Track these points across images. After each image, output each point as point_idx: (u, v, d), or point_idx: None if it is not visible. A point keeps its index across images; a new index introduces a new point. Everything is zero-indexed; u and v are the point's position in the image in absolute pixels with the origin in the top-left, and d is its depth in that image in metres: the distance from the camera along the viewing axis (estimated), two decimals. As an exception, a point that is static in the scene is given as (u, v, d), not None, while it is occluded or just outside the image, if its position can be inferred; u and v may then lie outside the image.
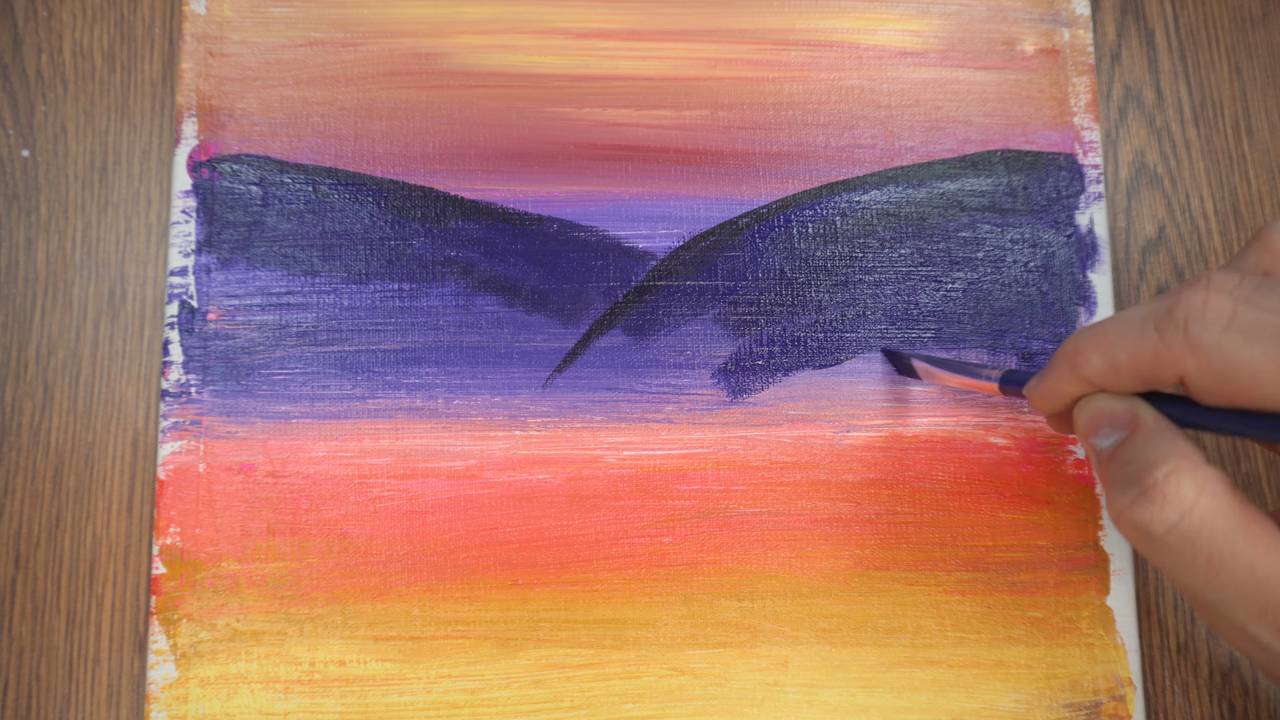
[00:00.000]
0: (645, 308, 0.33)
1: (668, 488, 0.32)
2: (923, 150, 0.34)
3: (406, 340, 0.32)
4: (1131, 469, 0.21)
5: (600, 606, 0.31)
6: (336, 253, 0.32)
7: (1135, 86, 0.35)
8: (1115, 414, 0.22)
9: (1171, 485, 0.20)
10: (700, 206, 0.33)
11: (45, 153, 0.33)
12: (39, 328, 0.32)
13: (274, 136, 0.33)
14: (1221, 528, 0.20)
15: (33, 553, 0.31)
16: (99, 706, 0.31)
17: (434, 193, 0.33)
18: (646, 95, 0.34)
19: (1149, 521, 0.20)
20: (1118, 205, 0.35)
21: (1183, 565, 0.20)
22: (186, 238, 0.32)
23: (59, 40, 0.34)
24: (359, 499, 0.31)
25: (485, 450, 0.32)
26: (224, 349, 0.32)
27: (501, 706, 0.30)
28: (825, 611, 0.31)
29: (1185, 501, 0.20)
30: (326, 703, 0.30)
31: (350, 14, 0.34)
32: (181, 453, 0.31)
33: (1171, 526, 0.20)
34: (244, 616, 0.30)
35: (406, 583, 0.31)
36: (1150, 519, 0.20)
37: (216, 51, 0.33)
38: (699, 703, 0.31)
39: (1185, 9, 0.36)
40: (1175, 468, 0.20)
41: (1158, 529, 0.20)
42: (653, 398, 0.32)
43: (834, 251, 0.33)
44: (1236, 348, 0.19)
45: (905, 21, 0.35)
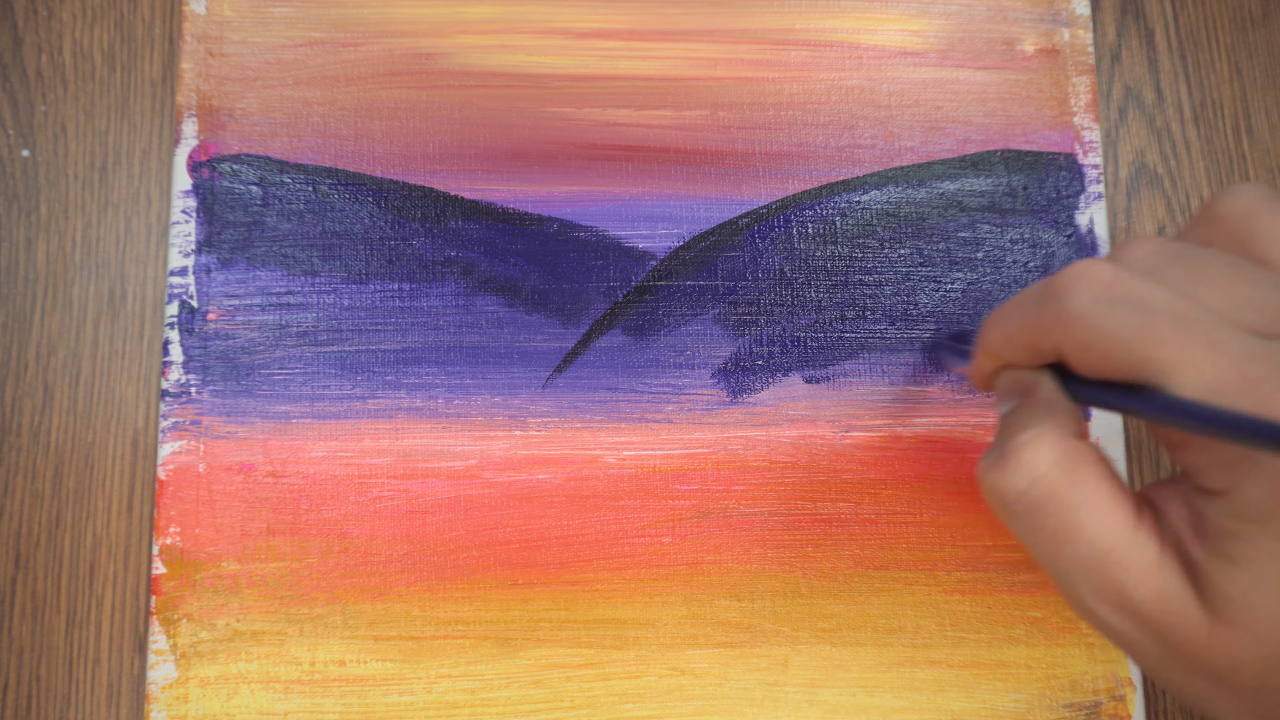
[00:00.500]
0: (645, 308, 0.33)
1: (668, 488, 0.32)
2: (923, 150, 0.34)
3: (406, 340, 0.32)
4: (1003, 433, 0.21)
5: (600, 606, 0.31)
6: (336, 253, 0.32)
7: (1135, 86, 0.35)
8: (1019, 382, 0.22)
9: (1028, 451, 0.20)
10: (700, 206, 0.33)
11: (45, 153, 0.33)
12: (39, 328, 0.32)
13: (274, 136, 0.33)
14: (1069, 499, 0.19)
15: (33, 553, 0.31)
16: (99, 706, 0.31)
17: (434, 193, 0.33)
18: (646, 95, 0.34)
19: (1000, 486, 0.20)
20: (1118, 205, 0.35)
21: (1030, 533, 0.20)
22: (186, 238, 0.32)
23: (59, 40, 0.34)
24: (359, 499, 0.31)
25: (485, 450, 0.32)
26: (224, 349, 0.32)
27: (501, 706, 0.30)
28: (825, 611, 0.31)
29: (1038, 469, 0.19)
30: (326, 703, 0.30)
31: (350, 14, 0.34)
32: (181, 453, 0.31)
33: (1020, 493, 0.20)
34: (244, 616, 0.30)
35: (406, 583, 0.31)
36: (1002, 483, 0.20)
37: (216, 51, 0.33)
38: (699, 703, 0.31)
39: (1185, 9, 0.36)
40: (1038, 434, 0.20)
41: (1008, 495, 0.20)
42: (653, 398, 0.32)
43: (834, 251, 0.33)
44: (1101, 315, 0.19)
45: (905, 21, 0.35)
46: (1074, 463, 0.20)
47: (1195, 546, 0.19)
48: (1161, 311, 0.18)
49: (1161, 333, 0.18)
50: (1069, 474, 0.19)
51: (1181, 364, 0.18)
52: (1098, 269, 0.19)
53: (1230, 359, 0.17)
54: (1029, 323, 0.21)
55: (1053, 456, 0.20)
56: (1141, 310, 0.18)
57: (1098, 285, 0.19)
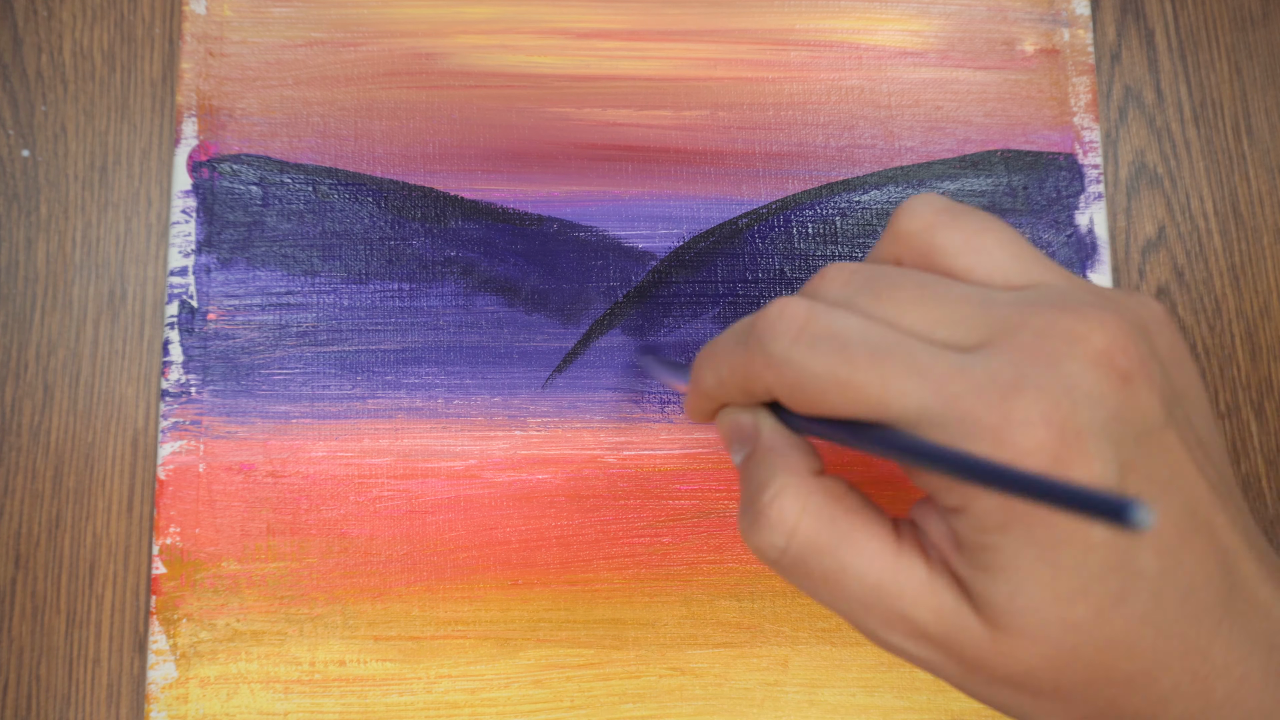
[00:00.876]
0: (645, 308, 0.33)
1: (668, 488, 0.32)
2: (923, 150, 0.34)
3: (406, 340, 0.32)
4: (749, 490, 0.21)
5: (600, 606, 0.31)
6: (336, 253, 0.32)
7: (1135, 86, 0.35)
8: (741, 428, 0.22)
9: (775, 509, 0.20)
10: (700, 206, 0.33)
11: (45, 153, 0.33)
12: (39, 328, 0.32)
13: (274, 136, 0.33)
14: (826, 544, 0.19)
15: (33, 553, 0.31)
16: (99, 706, 0.31)
17: (434, 193, 0.33)
18: (646, 95, 0.34)
19: (760, 547, 0.20)
20: (1118, 205, 0.35)
21: (804, 584, 0.20)
22: (186, 238, 0.32)
23: (59, 40, 0.34)
24: (359, 499, 0.31)
25: (485, 450, 0.32)
26: (224, 349, 0.32)
27: (501, 706, 0.30)
28: (825, 611, 0.31)
29: (789, 523, 0.20)
30: (326, 703, 0.30)
31: (350, 14, 0.34)
32: (181, 453, 0.31)
33: (782, 550, 0.20)
34: (244, 616, 0.30)
35: (406, 583, 0.31)
36: (761, 544, 0.20)
37: (216, 51, 0.33)
38: (699, 703, 0.31)
39: (1185, 9, 0.36)
40: (780, 488, 0.20)
41: (771, 553, 0.20)
42: (653, 398, 0.32)
43: (834, 251, 0.33)
44: (803, 359, 0.19)
45: (905, 21, 0.35)
46: (820, 505, 0.20)
47: (957, 561, 0.19)
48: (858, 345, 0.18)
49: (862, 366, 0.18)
50: (819, 519, 0.20)
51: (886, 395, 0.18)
52: (793, 308, 0.19)
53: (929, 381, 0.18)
54: (737, 367, 0.21)
55: (799, 507, 0.20)
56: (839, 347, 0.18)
57: (794, 325, 0.19)
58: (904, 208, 0.21)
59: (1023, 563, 0.18)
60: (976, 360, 0.18)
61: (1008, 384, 0.17)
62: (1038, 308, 0.18)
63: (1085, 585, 0.18)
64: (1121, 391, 0.18)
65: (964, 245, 0.20)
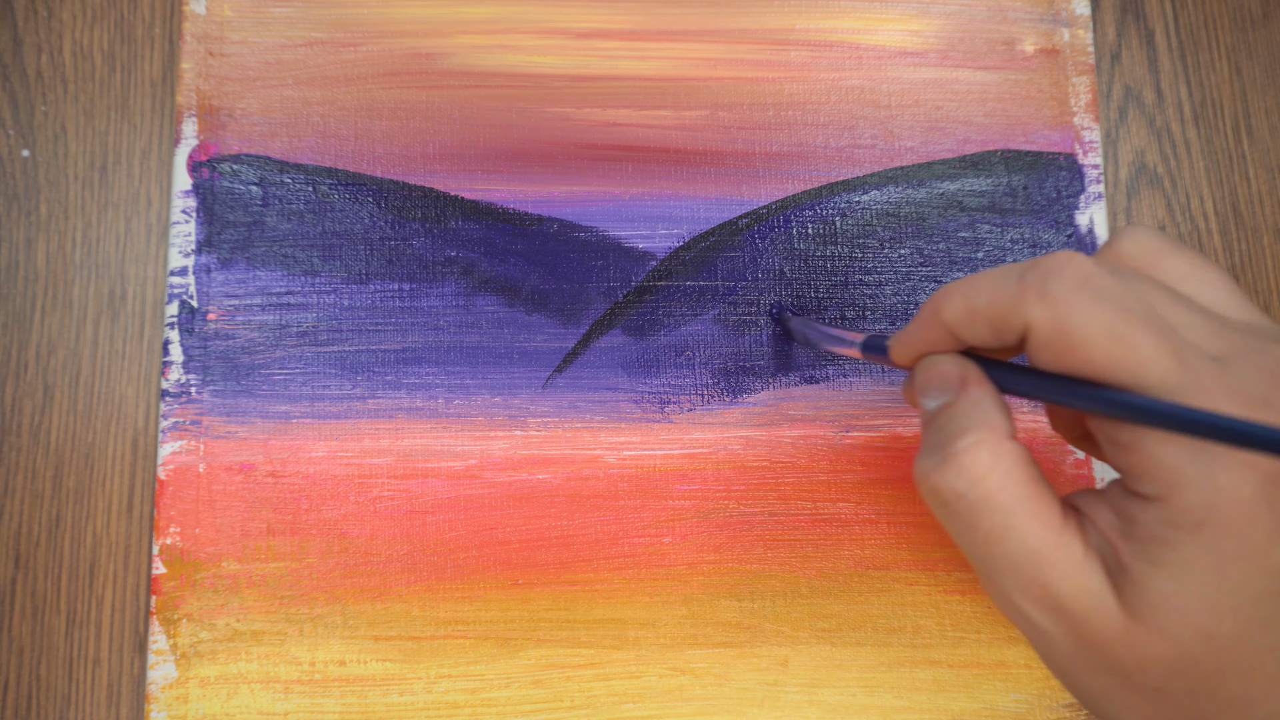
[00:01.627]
0: (645, 308, 0.33)
1: (668, 488, 0.32)
2: (923, 150, 0.34)
3: (406, 340, 0.32)
4: (942, 435, 0.22)
5: (600, 606, 0.31)
6: (336, 253, 0.32)
7: (1135, 86, 0.35)
8: (946, 375, 0.22)
9: (969, 456, 0.21)
10: (700, 207, 0.33)
11: (45, 153, 0.33)
12: (39, 328, 0.32)
13: (274, 136, 0.33)
14: (1005, 502, 0.20)
15: (33, 553, 0.31)
16: (99, 706, 0.31)
17: (434, 193, 0.33)
18: (646, 95, 0.34)
19: (942, 488, 0.21)
20: (1118, 205, 0.35)
21: (966, 532, 0.21)
22: (186, 238, 0.32)
23: (59, 40, 0.34)
24: (359, 499, 0.31)
25: (485, 450, 0.32)
26: (224, 349, 0.32)
27: (501, 706, 0.30)
28: (825, 611, 0.31)
29: (978, 473, 0.20)
30: (326, 703, 0.30)
31: (350, 14, 0.34)
32: (181, 453, 0.31)
33: (960, 495, 0.21)
34: (244, 616, 0.30)
35: (406, 583, 0.31)
36: (943, 485, 0.21)
37: (216, 51, 0.33)
38: (699, 703, 0.31)
39: (1185, 9, 0.36)
40: (978, 439, 0.21)
41: (948, 495, 0.21)
42: (653, 398, 0.32)
43: (834, 252, 0.33)
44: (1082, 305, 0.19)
45: (905, 21, 0.35)
46: (1010, 467, 0.21)
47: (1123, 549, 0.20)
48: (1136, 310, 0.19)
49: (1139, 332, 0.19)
50: (1005, 478, 0.20)
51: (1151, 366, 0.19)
52: (1079, 260, 0.20)
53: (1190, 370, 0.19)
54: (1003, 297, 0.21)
55: (992, 461, 0.21)
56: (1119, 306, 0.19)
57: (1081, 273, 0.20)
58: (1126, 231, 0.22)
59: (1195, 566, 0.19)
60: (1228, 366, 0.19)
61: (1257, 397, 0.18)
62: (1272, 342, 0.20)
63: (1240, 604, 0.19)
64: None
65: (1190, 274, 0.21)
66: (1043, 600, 0.20)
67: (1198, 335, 0.20)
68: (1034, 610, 0.20)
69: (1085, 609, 0.20)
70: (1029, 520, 0.20)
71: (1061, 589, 0.20)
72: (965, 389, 0.22)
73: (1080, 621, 0.20)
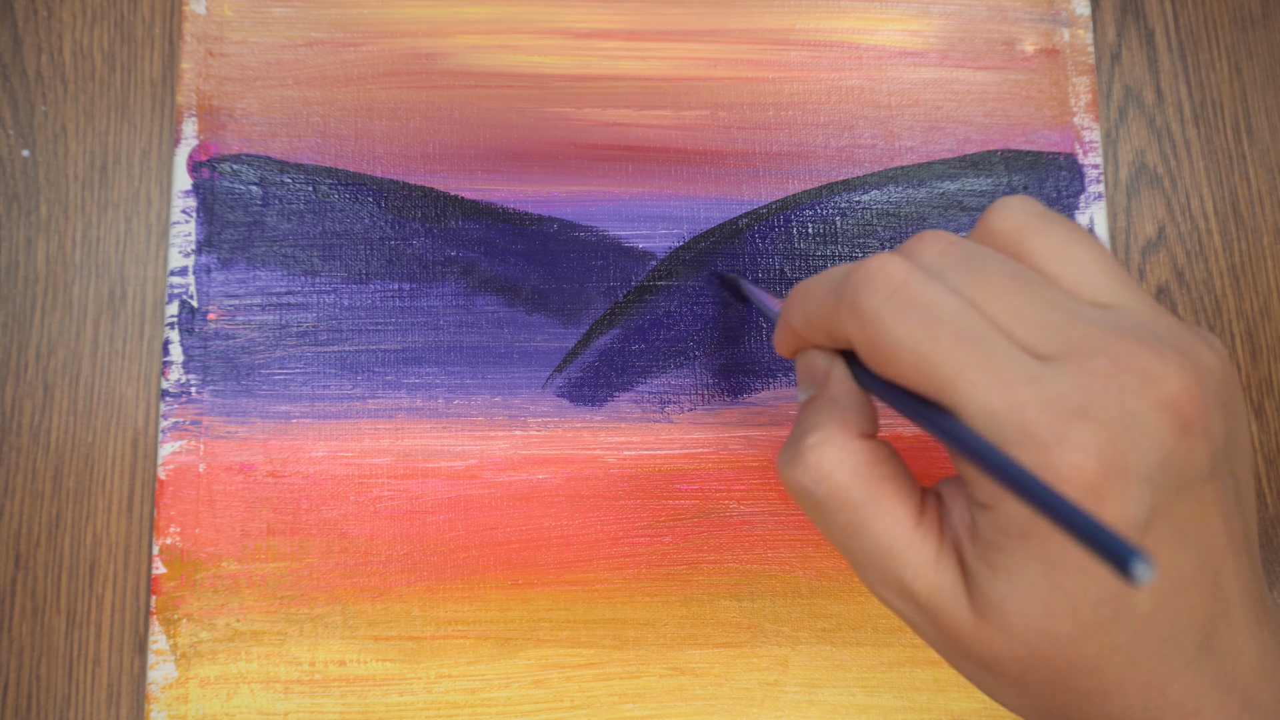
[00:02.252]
0: (645, 308, 0.33)
1: (668, 488, 0.32)
2: (923, 150, 0.34)
3: (406, 340, 0.32)
4: (799, 430, 0.22)
5: (600, 606, 0.31)
6: (336, 253, 0.32)
7: (1135, 86, 0.35)
8: (815, 369, 0.23)
9: (815, 454, 0.21)
10: (700, 206, 0.33)
11: (45, 153, 0.33)
12: (39, 328, 0.32)
13: (274, 136, 0.33)
14: (854, 499, 0.20)
15: (33, 553, 0.31)
16: (99, 706, 0.31)
17: (434, 193, 0.33)
18: (646, 95, 0.34)
19: (791, 483, 0.21)
20: (1118, 205, 0.35)
21: (822, 524, 0.21)
22: (186, 238, 0.32)
23: (59, 40, 0.34)
24: (359, 499, 0.31)
25: (485, 450, 0.32)
26: (224, 349, 0.32)
27: (501, 706, 0.30)
28: (825, 611, 0.31)
29: (823, 470, 0.21)
30: (326, 703, 0.30)
31: (350, 14, 0.34)
32: (181, 453, 0.31)
33: (808, 491, 0.21)
34: (244, 616, 0.30)
35: (406, 583, 0.31)
36: (792, 481, 0.21)
37: (216, 51, 0.33)
38: (699, 703, 0.31)
39: (1185, 9, 0.36)
40: (825, 436, 0.21)
41: (798, 491, 0.21)
42: (653, 398, 0.32)
43: (834, 251, 0.33)
44: (890, 319, 0.19)
45: (905, 21, 0.35)
46: (857, 465, 0.21)
47: (968, 549, 0.20)
48: (946, 323, 0.19)
49: (943, 347, 0.18)
50: (854, 475, 0.21)
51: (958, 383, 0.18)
52: (892, 267, 0.20)
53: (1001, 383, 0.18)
54: (827, 309, 0.21)
55: (837, 459, 0.21)
56: (928, 320, 0.19)
57: (890, 285, 0.19)
58: (997, 206, 0.22)
59: (1028, 572, 0.19)
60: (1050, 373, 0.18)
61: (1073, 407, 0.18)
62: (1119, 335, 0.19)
63: (1076, 607, 0.19)
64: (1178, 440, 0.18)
65: (1055, 252, 0.21)
66: (900, 592, 0.20)
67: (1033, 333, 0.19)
68: (895, 600, 0.21)
69: (938, 605, 0.20)
70: (880, 517, 0.20)
71: (915, 585, 0.20)
72: (826, 385, 0.22)
73: (935, 616, 0.20)
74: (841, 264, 0.22)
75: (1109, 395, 0.18)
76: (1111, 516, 0.17)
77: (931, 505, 0.21)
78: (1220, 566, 0.20)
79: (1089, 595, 0.18)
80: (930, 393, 0.19)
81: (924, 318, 0.19)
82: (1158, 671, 0.19)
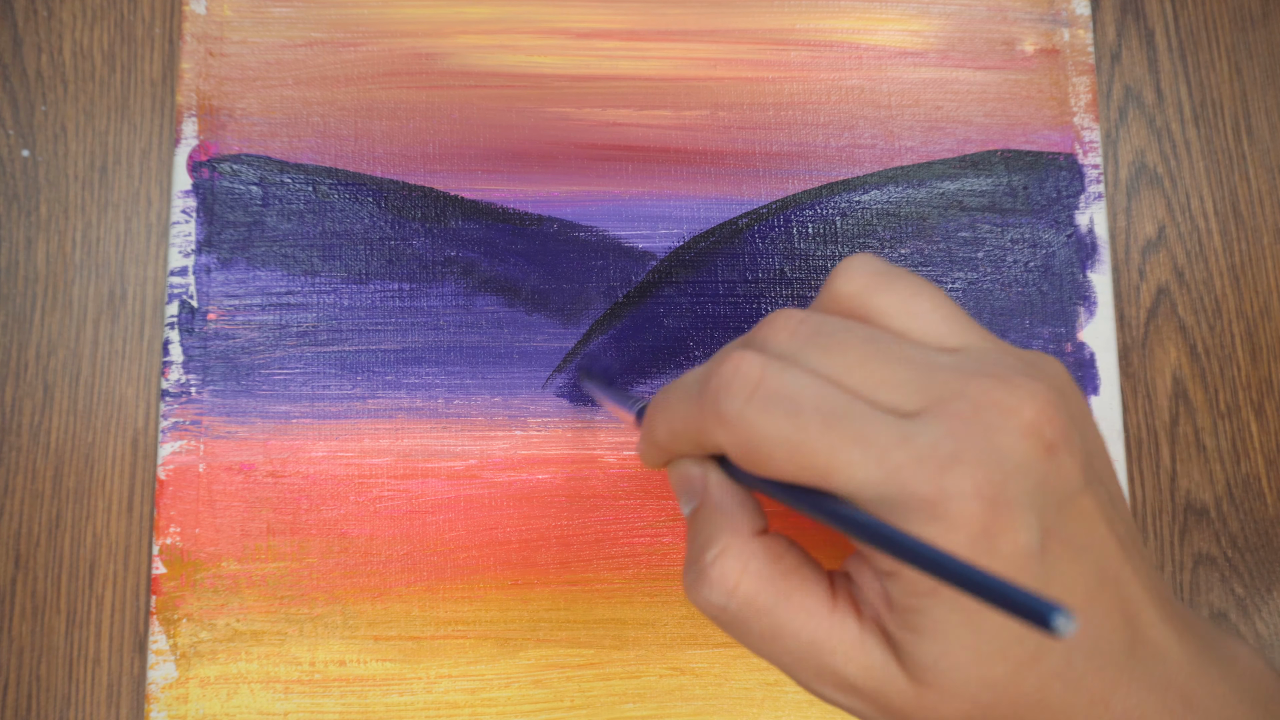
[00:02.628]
0: (645, 308, 0.33)
1: (668, 488, 0.32)
2: (923, 150, 0.34)
3: (406, 340, 0.32)
4: (694, 547, 0.21)
5: (600, 606, 0.31)
6: (336, 253, 0.32)
7: (1135, 86, 0.35)
8: (690, 480, 0.22)
9: (717, 569, 0.21)
10: (700, 206, 0.33)
11: (45, 153, 0.33)
12: (39, 328, 0.32)
13: (274, 136, 0.33)
14: (765, 604, 0.20)
15: (33, 553, 0.31)
16: (99, 706, 0.31)
17: (434, 193, 0.33)
18: (646, 95, 0.34)
19: (704, 604, 0.21)
20: (1118, 205, 0.35)
21: (743, 638, 0.21)
22: (186, 238, 0.32)
23: (59, 40, 0.34)
24: (359, 499, 0.31)
25: (485, 450, 0.32)
26: (224, 349, 0.32)
27: (501, 706, 0.30)
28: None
29: (729, 583, 0.20)
30: (326, 703, 0.30)
31: (350, 14, 0.34)
32: (181, 453, 0.31)
33: (722, 608, 0.21)
34: (244, 616, 0.30)
35: (406, 583, 0.31)
36: (704, 602, 0.21)
37: (216, 51, 0.33)
38: (699, 703, 0.31)
39: (1185, 9, 0.36)
40: (722, 549, 0.21)
41: (712, 611, 0.21)
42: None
43: (834, 251, 0.33)
44: (756, 421, 0.19)
45: (905, 21, 0.35)
46: (759, 567, 0.21)
47: (888, 619, 0.20)
48: (809, 409, 0.19)
49: (813, 434, 0.18)
50: (758, 580, 0.20)
51: (834, 464, 0.18)
52: (748, 366, 0.20)
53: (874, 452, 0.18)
54: (692, 421, 0.21)
55: (739, 568, 0.20)
56: (792, 411, 0.19)
57: (749, 385, 0.19)
58: (840, 270, 0.22)
59: (948, 626, 0.19)
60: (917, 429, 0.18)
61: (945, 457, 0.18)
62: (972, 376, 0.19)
63: (1004, 647, 0.19)
64: (1047, 461, 0.19)
65: (899, 308, 0.21)
66: (838, 684, 0.20)
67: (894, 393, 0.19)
68: (835, 694, 0.20)
69: (875, 685, 0.20)
70: (795, 615, 0.20)
71: (847, 671, 0.20)
72: (706, 493, 0.22)
73: (876, 696, 0.20)
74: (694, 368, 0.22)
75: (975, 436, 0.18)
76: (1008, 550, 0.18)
77: (842, 586, 0.21)
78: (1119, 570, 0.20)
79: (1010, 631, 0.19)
80: (810, 481, 0.19)
81: (787, 409, 0.19)
82: (1097, 686, 0.20)
